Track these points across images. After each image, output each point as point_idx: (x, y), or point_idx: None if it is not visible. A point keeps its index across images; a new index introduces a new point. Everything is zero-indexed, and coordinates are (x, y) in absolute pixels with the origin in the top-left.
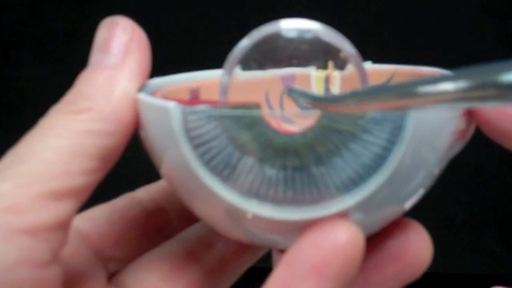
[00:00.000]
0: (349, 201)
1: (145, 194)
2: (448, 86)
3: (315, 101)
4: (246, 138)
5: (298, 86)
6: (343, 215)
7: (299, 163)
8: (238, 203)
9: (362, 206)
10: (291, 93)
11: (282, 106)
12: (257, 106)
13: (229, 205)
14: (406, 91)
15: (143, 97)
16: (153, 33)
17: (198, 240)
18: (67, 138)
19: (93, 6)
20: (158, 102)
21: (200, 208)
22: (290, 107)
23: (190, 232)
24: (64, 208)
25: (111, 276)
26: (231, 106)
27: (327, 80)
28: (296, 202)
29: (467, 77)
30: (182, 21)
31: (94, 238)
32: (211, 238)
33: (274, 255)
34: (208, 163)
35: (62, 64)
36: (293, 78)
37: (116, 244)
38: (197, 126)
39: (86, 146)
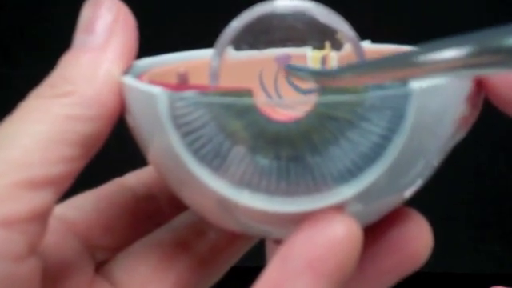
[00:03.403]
0: (346, 192)
1: (134, 179)
2: (451, 53)
3: (314, 75)
4: (236, 126)
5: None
6: (340, 207)
7: (293, 153)
8: (229, 194)
9: (360, 197)
10: (289, 69)
11: (276, 88)
12: (249, 93)
13: (219, 196)
14: (407, 61)
15: (128, 80)
16: (141, 11)
17: (189, 228)
18: (46, 123)
19: None
20: (143, 87)
21: (189, 198)
22: (285, 89)
23: (181, 220)
24: (41, 198)
25: (99, 266)
26: (221, 93)
27: (324, 61)
28: (290, 193)
29: (470, 42)
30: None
31: (81, 226)
32: (202, 225)
33: (268, 245)
34: (197, 152)
35: None
36: (288, 58)
37: (104, 232)
38: (185, 113)
39: (66, 132)
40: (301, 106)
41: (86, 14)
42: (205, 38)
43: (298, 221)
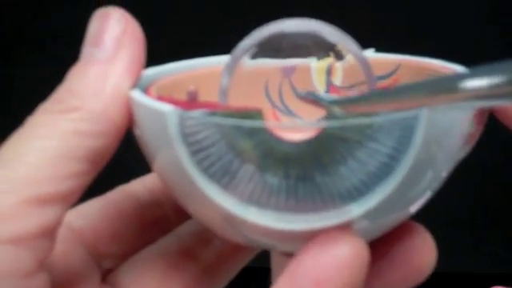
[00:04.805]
0: (354, 211)
1: (140, 186)
2: (483, 82)
3: (336, 103)
4: (246, 146)
5: (298, 77)
6: (347, 226)
7: (303, 172)
8: (237, 211)
9: (368, 215)
10: (311, 97)
11: (281, 98)
12: (258, 113)
13: (227, 212)
14: (422, 91)
15: (137, 96)
16: (150, 21)
17: (195, 236)
18: (54, 139)
19: (93, 5)
20: (153, 104)
21: (196, 212)
22: (291, 99)
23: (186, 228)
24: (50, 214)
25: (105, 274)
26: (231, 113)
27: (329, 72)
28: (298, 210)
29: (487, 74)
30: (180, 9)
31: (88, 235)
32: (208, 234)
33: (272, 255)
34: (206, 170)
35: (62, 64)
36: (293, 69)
37: (111, 240)
38: (194, 131)
39: (74, 148)
40: (308, 114)
41: (94, 26)
42: (212, 46)
43: (306, 238)
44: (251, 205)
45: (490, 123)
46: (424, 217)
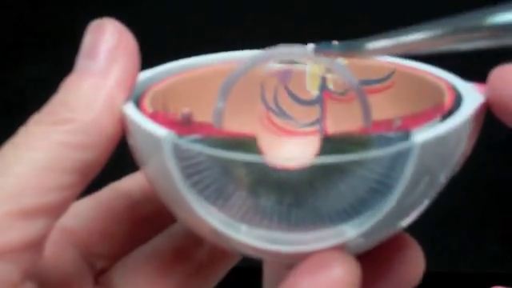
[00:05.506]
0: (347, 233)
1: (131, 183)
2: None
3: (342, 49)
4: (240, 173)
5: (294, 81)
6: (341, 247)
7: (296, 198)
8: (229, 231)
9: (360, 236)
10: (318, 49)
11: (276, 102)
12: (253, 140)
13: (219, 231)
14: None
15: (131, 114)
16: (149, 26)
17: (187, 236)
18: (43, 150)
19: (93, 5)
20: (148, 126)
21: (188, 225)
22: (285, 101)
23: (179, 228)
24: (36, 226)
25: (98, 275)
26: (225, 141)
27: (324, 76)
28: (290, 233)
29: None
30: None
31: (80, 235)
32: None
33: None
34: (200, 192)
35: (62, 64)
36: (289, 73)
37: (104, 239)
38: (189, 156)
39: (63, 160)
40: (303, 114)
41: (88, 38)
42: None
43: (298, 258)
44: (243, 224)
45: (490, 124)
46: (424, 217)
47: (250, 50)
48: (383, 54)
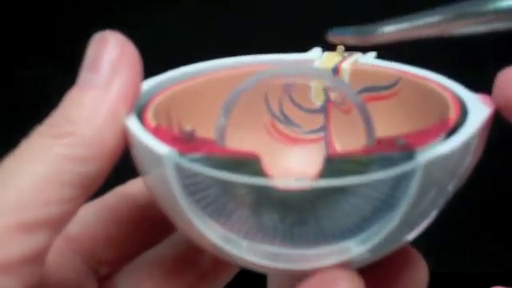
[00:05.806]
0: (350, 251)
1: (135, 187)
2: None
3: (356, 34)
4: (242, 193)
5: (297, 93)
6: (345, 263)
7: (298, 218)
8: (231, 248)
9: (364, 253)
10: (333, 34)
11: (281, 110)
12: (256, 160)
13: (221, 247)
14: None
15: (134, 129)
16: (151, 34)
17: (191, 243)
18: (44, 163)
19: (93, 5)
20: (151, 143)
21: (188, 238)
22: (290, 109)
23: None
24: (37, 240)
25: (102, 282)
26: (228, 160)
27: (328, 92)
28: (293, 251)
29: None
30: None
31: (84, 241)
32: None
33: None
34: (202, 209)
35: (63, 64)
36: (292, 86)
37: (108, 244)
38: (190, 174)
39: (64, 173)
40: (309, 122)
41: (91, 51)
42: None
43: (301, 274)
44: (246, 240)
45: (492, 124)
46: None
47: (250, 55)
48: (395, 37)
